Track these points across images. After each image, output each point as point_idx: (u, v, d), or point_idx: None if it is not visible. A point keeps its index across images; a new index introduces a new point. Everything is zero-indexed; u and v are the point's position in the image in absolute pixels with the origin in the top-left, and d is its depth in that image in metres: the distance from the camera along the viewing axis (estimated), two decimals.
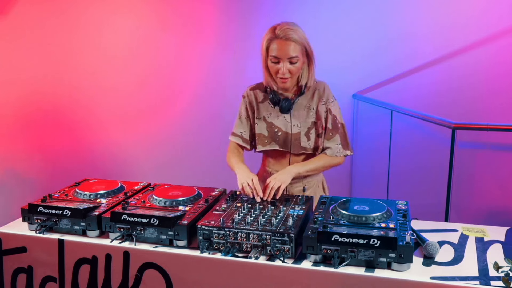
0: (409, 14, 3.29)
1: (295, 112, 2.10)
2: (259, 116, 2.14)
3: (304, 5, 3.41)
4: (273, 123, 2.11)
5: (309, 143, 2.10)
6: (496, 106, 3.20)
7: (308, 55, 2.02)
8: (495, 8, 3.13)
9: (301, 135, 2.09)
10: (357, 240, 1.50)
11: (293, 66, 1.97)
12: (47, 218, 1.83)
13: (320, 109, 2.08)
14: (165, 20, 3.64)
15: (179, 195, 1.94)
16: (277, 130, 2.11)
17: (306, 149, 2.11)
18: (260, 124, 2.14)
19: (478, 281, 1.46)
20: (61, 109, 3.88)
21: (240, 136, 2.18)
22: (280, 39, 1.93)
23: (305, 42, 1.98)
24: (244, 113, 2.18)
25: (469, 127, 2.79)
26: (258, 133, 2.14)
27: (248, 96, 2.17)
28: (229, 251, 1.62)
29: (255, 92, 2.16)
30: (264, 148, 2.14)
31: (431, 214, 2.33)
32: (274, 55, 1.96)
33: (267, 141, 2.13)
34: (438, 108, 3.19)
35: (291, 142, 2.10)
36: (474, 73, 3.22)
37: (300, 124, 2.09)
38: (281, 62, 1.96)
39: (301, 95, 2.08)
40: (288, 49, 1.93)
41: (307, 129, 2.09)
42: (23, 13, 3.75)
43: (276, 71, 1.98)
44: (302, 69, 2.03)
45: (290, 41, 1.93)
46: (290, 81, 2.01)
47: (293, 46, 1.93)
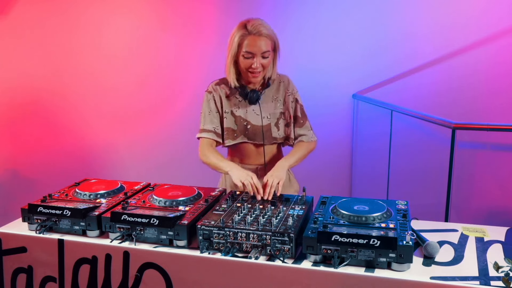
0: (409, 14, 3.29)
1: (264, 104, 2.17)
2: (227, 110, 2.18)
3: (304, 5, 3.41)
4: (241, 116, 2.16)
5: (279, 133, 2.18)
6: (496, 106, 3.20)
7: (275, 50, 2.09)
8: (495, 8, 3.13)
9: (271, 126, 2.17)
10: (357, 240, 1.50)
11: (265, 60, 2.04)
12: (47, 218, 1.83)
13: (287, 99, 2.18)
14: (165, 20, 3.64)
15: (179, 195, 1.94)
16: (246, 123, 2.16)
17: (277, 139, 2.19)
18: (228, 118, 2.17)
19: (478, 281, 1.46)
20: (61, 109, 3.88)
21: (214, 131, 2.18)
22: (253, 35, 2.00)
23: (274, 37, 2.06)
24: (214, 108, 2.19)
25: (469, 127, 2.79)
26: (227, 127, 2.17)
27: (214, 91, 2.20)
28: (229, 251, 1.62)
29: (221, 87, 2.20)
30: (234, 142, 2.18)
31: (431, 214, 2.33)
32: (247, 50, 2.01)
33: (236, 134, 2.17)
34: (438, 108, 3.19)
35: (263, 134, 2.16)
36: (474, 73, 3.22)
37: (270, 115, 2.17)
38: (255, 57, 2.02)
39: (267, 87, 2.16)
40: (261, 44, 2.00)
41: (276, 119, 2.18)
42: (23, 13, 3.75)
43: (249, 66, 2.04)
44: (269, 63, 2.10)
45: (263, 37, 2.01)
46: (261, 75, 2.08)
47: (265, 41, 2.01)
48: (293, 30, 3.44)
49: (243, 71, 2.09)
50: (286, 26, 3.41)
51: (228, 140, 2.19)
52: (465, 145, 3.27)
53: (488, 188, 3.31)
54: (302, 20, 3.43)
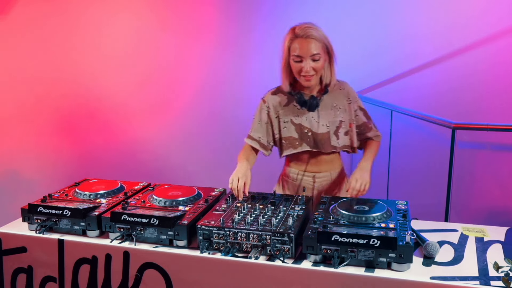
0: (409, 14, 3.29)
1: (322, 111, 2.09)
2: (286, 119, 2.11)
3: (304, 5, 3.41)
4: (302, 124, 2.09)
5: (338, 142, 2.10)
6: (496, 106, 3.20)
7: (329, 53, 2.03)
8: (495, 8, 3.13)
9: (330, 134, 2.08)
10: (357, 240, 1.50)
11: (316, 63, 1.97)
12: (47, 218, 1.83)
13: (349, 108, 2.10)
14: (165, 20, 3.64)
15: (179, 195, 1.94)
16: (307, 131, 2.08)
17: (336, 148, 2.10)
18: (288, 127, 2.10)
19: (478, 281, 1.46)
20: (61, 109, 3.88)
21: (258, 140, 2.15)
22: (301, 37, 1.95)
23: (326, 40, 2.00)
24: (265, 118, 2.14)
25: (469, 127, 2.80)
26: (287, 136, 2.11)
27: (269, 101, 2.14)
28: (229, 251, 1.62)
29: (278, 96, 2.13)
30: (296, 151, 2.10)
31: (431, 214, 2.33)
32: (296, 54, 1.96)
33: (298, 143, 2.10)
34: (438, 108, 3.19)
35: (321, 142, 2.08)
36: (474, 73, 3.22)
37: (329, 123, 2.08)
38: (304, 61, 1.96)
39: (325, 93, 2.08)
40: (310, 47, 1.94)
41: (336, 128, 2.09)
42: (23, 13, 3.75)
43: (300, 70, 1.98)
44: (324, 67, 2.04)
45: (311, 39, 1.95)
46: (314, 79, 2.00)
47: (314, 43, 1.95)
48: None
49: (296, 75, 2.03)
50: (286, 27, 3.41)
51: (289, 150, 2.11)
52: (465, 145, 3.27)
53: (488, 188, 3.31)
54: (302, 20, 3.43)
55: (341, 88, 2.12)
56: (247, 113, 3.57)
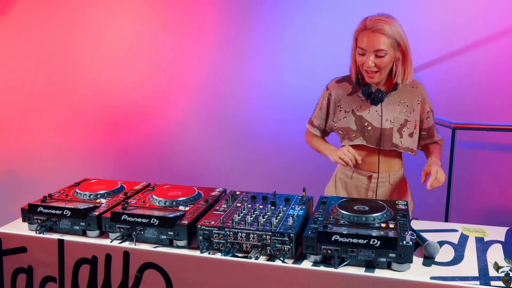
0: (409, 14, 3.29)
1: (388, 106, 1.98)
2: (347, 109, 2.02)
3: (304, 5, 3.41)
4: (363, 116, 1.99)
5: (401, 140, 1.98)
6: (496, 106, 3.19)
7: (402, 51, 1.91)
8: (495, 8, 3.13)
9: (393, 131, 1.97)
10: (357, 240, 1.50)
11: (380, 60, 1.87)
12: (47, 218, 1.83)
13: (418, 108, 2.00)
14: (165, 20, 3.64)
15: (179, 195, 1.94)
16: (367, 125, 1.99)
17: (398, 147, 1.99)
18: (348, 118, 2.01)
19: (478, 281, 1.46)
20: (60, 109, 3.88)
21: (319, 127, 2.14)
22: (368, 30, 1.86)
23: (398, 36, 1.87)
24: (325, 105, 2.09)
25: (469, 127, 2.80)
26: (344, 126, 2.02)
27: (332, 88, 2.07)
28: (229, 251, 1.62)
29: (342, 85, 2.07)
30: (351, 143, 2.01)
31: (431, 214, 2.33)
32: (361, 46, 1.88)
33: (354, 135, 2.00)
34: (438, 108, 3.18)
35: (381, 138, 1.98)
36: (474, 73, 3.22)
37: (393, 119, 1.98)
38: (367, 55, 1.87)
39: (394, 90, 1.98)
40: (375, 41, 1.84)
41: (400, 125, 1.98)
42: (23, 13, 3.75)
43: (362, 63, 1.90)
44: (397, 65, 1.93)
45: (379, 33, 1.84)
46: (377, 76, 1.91)
47: (382, 38, 1.84)
48: (293, 30, 3.43)
49: (360, 68, 1.94)
50: (286, 27, 3.41)
51: (345, 141, 2.03)
52: (465, 145, 3.26)
53: (488, 188, 3.31)
54: (302, 20, 3.43)
55: (414, 87, 2.00)
56: (247, 113, 3.59)
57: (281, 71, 3.38)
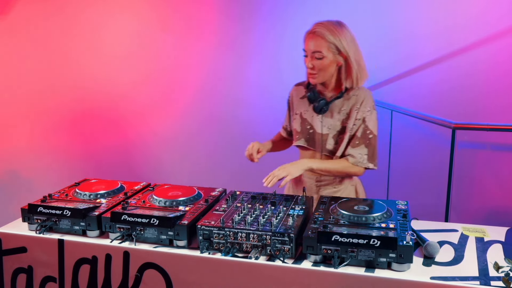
0: (409, 14, 3.29)
1: (329, 113, 2.05)
2: (297, 112, 2.16)
3: (303, 6, 3.41)
4: (307, 120, 2.11)
5: (336, 147, 2.05)
6: (496, 106, 3.20)
7: (345, 57, 1.95)
8: (495, 8, 3.13)
9: (328, 137, 2.06)
10: (357, 240, 1.50)
11: (318, 62, 1.94)
12: (47, 218, 1.83)
13: (352, 114, 2.01)
14: (165, 21, 3.64)
15: (179, 195, 1.94)
16: (309, 128, 2.10)
17: (331, 153, 2.06)
18: (296, 119, 2.16)
19: (478, 281, 1.46)
20: (60, 109, 3.88)
21: (286, 128, 2.29)
22: (310, 33, 1.96)
23: (338, 42, 1.92)
24: (287, 108, 2.25)
25: (469, 127, 2.80)
26: (294, 128, 2.18)
27: (292, 91, 2.22)
28: (229, 251, 1.62)
29: (298, 88, 2.19)
30: (295, 143, 2.17)
31: (431, 214, 2.33)
32: (303, 48, 1.99)
33: (298, 136, 2.14)
34: (438, 108, 3.19)
35: (320, 142, 2.09)
36: (474, 73, 3.22)
37: (331, 126, 2.05)
38: (308, 56, 1.97)
39: (337, 98, 2.03)
40: (313, 43, 1.93)
41: (336, 132, 2.05)
42: (23, 13, 3.75)
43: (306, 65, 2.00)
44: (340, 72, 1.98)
45: (316, 36, 1.93)
46: (317, 77, 1.98)
47: (319, 41, 1.92)
48: (293, 30, 3.43)
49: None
50: (286, 27, 3.41)
51: (294, 141, 2.19)
52: (465, 145, 3.26)
53: (488, 188, 3.31)
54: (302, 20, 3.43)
55: (356, 94, 2.02)
56: (247, 113, 3.59)
57: (281, 71, 3.38)
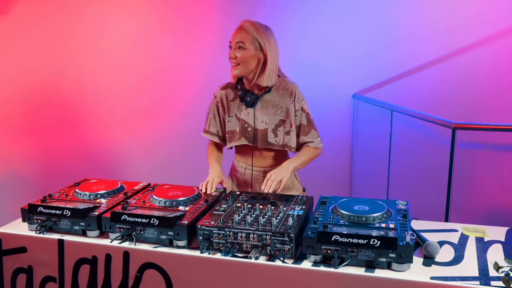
0: (409, 14, 3.29)
1: (263, 109, 2.17)
2: (231, 114, 2.21)
3: (303, 5, 3.41)
4: (243, 119, 2.18)
5: (276, 139, 2.16)
6: (496, 106, 3.20)
7: (263, 51, 2.09)
8: (495, 8, 3.13)
9: (268, 131, 2.16)
10: (357, 240, 1.50)
11: (240, 51, 2.07)
12: (47, 218, 1.83)
13: (290, 108, 2.15)
14: (165, 21, 3.64)
15: (179, 195, 1.94)
16: (247, 126, 2.18)
17: (273, 145, 2.17)
18: (232, 121, 2.21)
19: (478, 281, 1.46)
20: (60, 109, 3.87)
21: (217, 134, 2.29)
22: (237, 28, 2.12)
23: (260, 39, 2.07)
24: (216, 113, 2.26)
25: (469, 127, 2.79)
26: (231, 130, 2.21)
27: (219, 95, 2.25)
28: (229, 251, 1.62)
29: (226, 91, 2.24)
30: (236, 144, 2.21)
31: (431, 214, 2.33)
32: (229, 40, 2.12)
33: (238, 136, 2.20)
34: (438, 108, 3.19)
35: (261, 137, 2.17)
36: (474, 73, 3.22)
37: (268, 120, 2.16)
38: (232, 47, 2.10)
39: (267, 92, 2.15)
40: (237, 35, 2.08)
41: (275, 126, 2.16)
42: (23, 13, 3.75)
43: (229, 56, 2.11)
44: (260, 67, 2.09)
45: (241, 29, 2.09)
46: (239, 68, 2.09)
47: (243, 33, 2.07)
48: (293, 30, 3.43)
49: None
50: (286, 27, 3.41)
51: (231, 142, 2.22)
52: (465, 145, 3.26)
53: (488, 188, 3.31)
54: (302, 20, 3.43)
55: (286, 88, 2.17)
56: None
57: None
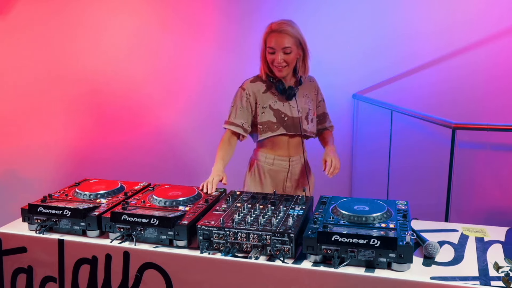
0: (409, 14, 3.29)
1: (297, 98, 2.31)
2: (265, 105, 2.29)
3: (304, 5, 3.41)
4: (279, 109, 2.29)
5: (308, 126, 2.34)
6: (496, 106, 3.20)
7: (303, 49, 2.25)
8: (495, 8, 3.13)
9: (302, 119, 2.31)
10: (357, 240, 1.50)
11: (287, 56, 2.19)
12: (47, 218, 1.83)
13: (314, 98, 2.40)
14: (165, 21, 3.64)
15: (179, 195, 1.94)
16: (284, 116, 2.29)
17: (306, 132, 2.34)
18: (267, 113, 2.29)
19: (478, 281, 1.46)
20: (60, 109, 3.87)
21: (242, 126, 2.30)
22: (275, 32, 2.18)
23: (299, 36, 2.22)
24: (246, 105, 2.30)
25: (469, 127, 2.80)
26: (266, 120, 2.29)
27: (249, 88, 2.31)
28: (229, 251, 1.62)
29: (256, 84, 2.32)
30: (273, 134, 2.29)
31: (431, 214, 2.33)
32: (270, 46, 2.18)
33: (276, 126, 2.29)
34: (438, 108, 3.19)
35: (298, 125, 2.30)
36: (474, 73, 3.22)
37: (301, 109, 2.32)
38: (277, 53, 2.18)
39: (300, 84, 2.31)
40: (282, 40, 2.16)
41: (306, 113, 2.34)
42: (23, 13, 3.75)
43: (272, 60, 2.20)
44: (297, 61, 2.26)
45: (284, 34, 2.17)
46: (285, 70, 2.22)
47: (287, 38, 2.17)
48: None
49: (270, 66, 2.24)
50: None
51: (267, 133, 2.29)
52: (465, 145, 3.27)
53: (488, 188, 3.31)
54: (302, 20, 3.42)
55: (311, 81, 2.40)
56: None
57: None
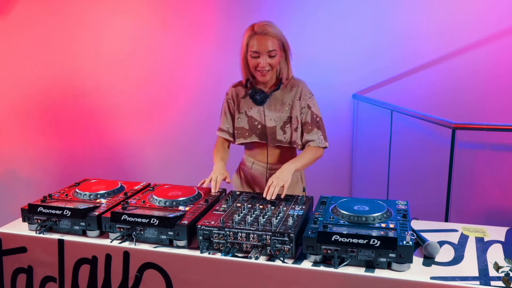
0: (409, 14, 3.29)
1: (271, 106, 2.19)
2: (241, 111, 2.24)
3: (304, 5, 3.41)
4: (252, 116, 2.21)
5: (285, 136, 2.18)
6: (496, 106, 3.20)
7: (285, 50, 2.13)
8: (495, 8, 3.13)
9: (276, 129, 2.18)
10: (357, 240, 1.50)
11: (272, 59, 2.06)
12: (47, 218, 1.83)
13: (296, 104, 2.17)
14: (165, 21, 3.64)
15: (179, 195, 1.94)
16: (257, 123, 2.20)
17: (282, 142, 2.19)
18: (241, 118, 2.23)
19: (478, 281, 1.46)
20: (60, 109, 3.88)
21: (227, 131, 2.29)
22: (259, 34, 2.04)
23: (282, 37, 2.09)
24: (228, 110, 2.28)
25: (469, 127, 2.79)
26: (240, 126, 2.23)
27: (230, 93, 2.28)
28: (229, 251, 1.62)
29: (237, 89, 2.27)
30: (245, 141, 2.23)
31: (431, 214, 2.33)
32: (254, 50, 2.05)
33: (247, 133, 2.22)
34: (438, 108, 3.19)
35: (270, 135, 2.19)
36: (474, 73, 3.22)
37: (276, 118, 2.18)
38: (261, 56, 2.05)
39: (276, 89, 2.16)
40: (267, 43, 2.03)
41: (283, 123, 2.18)
42: (23, 13, 3.75)
43: (256, 65, 2.07)
44: (281, 63, 2.14)
45: (268, 36, 2.04)
46: (269, 74, 2.10)
47: (271, 40, 2.04)
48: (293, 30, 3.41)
49: (252, 70, 2.12)
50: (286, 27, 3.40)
51: (240, 139, 2.25)
52: (465, 145, 3.26)
53: (488, 188, 3.31)
54: (302, 20, 3.43)
55: (294, 86, 2.19)
56: None
57: None
